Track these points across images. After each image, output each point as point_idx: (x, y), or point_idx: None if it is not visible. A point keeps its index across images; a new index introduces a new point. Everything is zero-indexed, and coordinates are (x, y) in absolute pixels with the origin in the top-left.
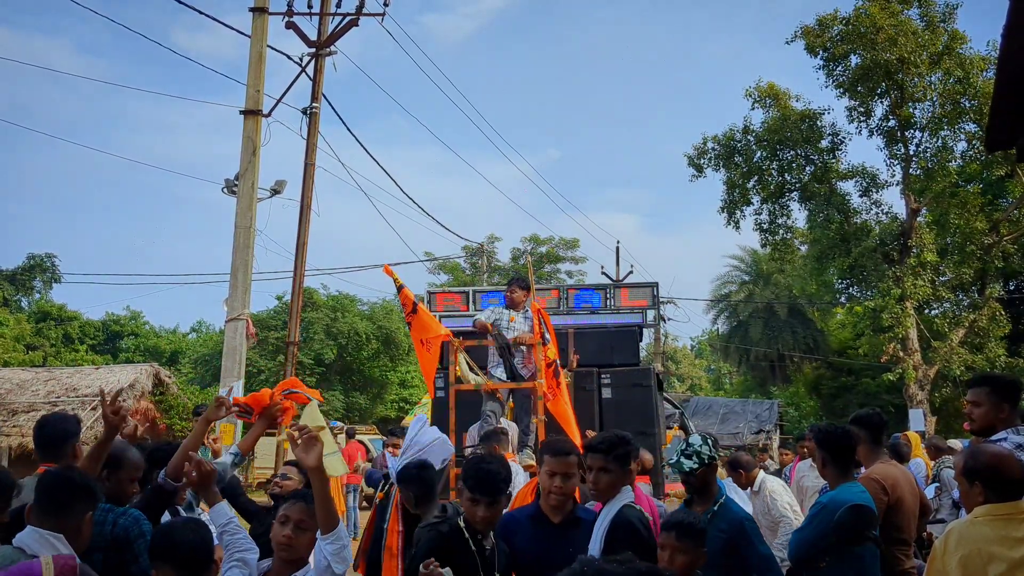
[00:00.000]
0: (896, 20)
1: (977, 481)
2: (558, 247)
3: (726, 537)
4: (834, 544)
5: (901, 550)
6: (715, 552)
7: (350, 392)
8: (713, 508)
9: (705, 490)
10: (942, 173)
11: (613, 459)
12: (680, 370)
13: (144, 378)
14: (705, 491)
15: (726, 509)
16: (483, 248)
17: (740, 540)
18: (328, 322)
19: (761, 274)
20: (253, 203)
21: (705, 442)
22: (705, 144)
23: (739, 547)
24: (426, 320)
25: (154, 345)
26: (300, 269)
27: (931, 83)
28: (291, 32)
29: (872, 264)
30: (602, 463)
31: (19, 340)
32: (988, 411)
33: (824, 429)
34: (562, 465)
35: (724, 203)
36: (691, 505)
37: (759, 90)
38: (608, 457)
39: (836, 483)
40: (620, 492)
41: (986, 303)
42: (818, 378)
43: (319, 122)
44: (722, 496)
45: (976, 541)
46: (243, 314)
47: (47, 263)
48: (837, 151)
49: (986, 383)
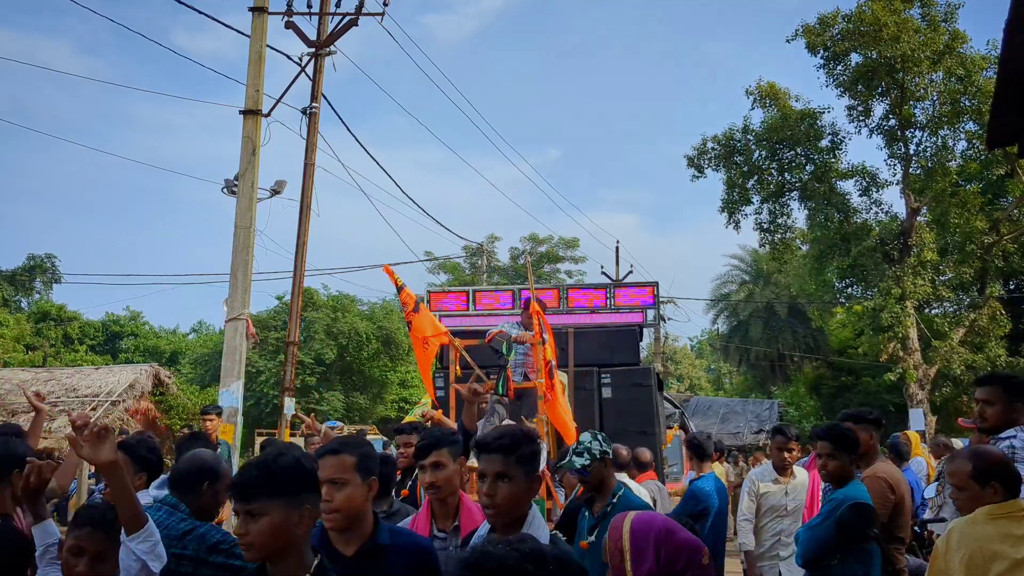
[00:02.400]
0: (898, 18)
1: (994, 482)
2: (558, 247)
3: None
4: (841, 542)
5: (898, 548)
6: None
7: (350, 392)
8: (612, 501)
9: (601, 485)
10: (942, 172)
11: (516, 462)
12: (680, 370)
13: (144, 378)
14: (602, 486)
15: (625, 500)
16: (483, 248)
17: None
18: (328, 322)
19: (761, 274)
20: (253, 203)
21: (595, 438)
22: (705, 144)
23: None
24: (427, 320)
25: (154, 345)
26: (300, 269)
27: (932, 82)
28: (291, 32)
29: (872, 263)
30: (501, 468)
31: (19, 340)
32: (1001, 410)
33: (838, 427)
34: (334, 468)
35: (724, 203)
36: (591, 503)
37: (759, 89)
38: (509, 459)
39: (845, 483)
40: (528, 514)
41: (986, 302)
42: (818, 378)
43: (319, 122)
44: (620, 489)
45: (978, 540)
46: (243, 314)
47: (47, 263)
48: (837, 150)
49: (997, 382)
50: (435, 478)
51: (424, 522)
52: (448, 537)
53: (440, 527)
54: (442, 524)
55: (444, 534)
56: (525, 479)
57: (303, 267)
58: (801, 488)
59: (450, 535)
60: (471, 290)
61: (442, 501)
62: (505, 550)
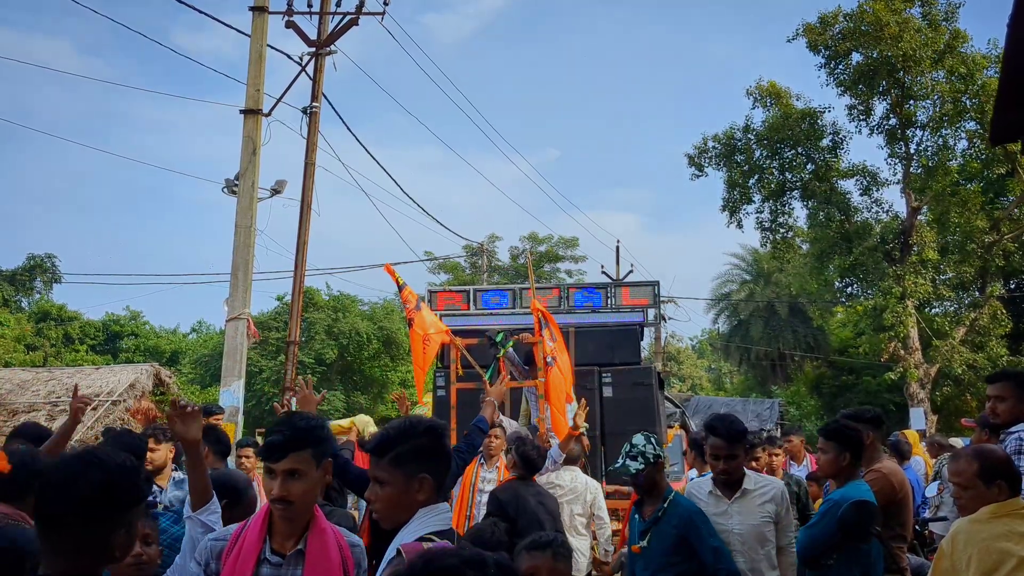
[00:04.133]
0: (900, 18)
1: (1000, 480)
2: (558, 246)
3: (677, 532)
4: (841, 541)
5: (900, 547)
6: (668, 548)
7: (351, 392)
8: (663, 506)
9: (654, 489)
10: (943, 171)
11: (389, 463)
12: (682, 370)
13: (144, 378)
14: (654, 490)
15: (675, 505)
16: (483, 247)
17: (690, 533)
18: (329, 322)
19: (762, 273)
20: (253, 203)
21: (648, 441)
22: (705, 143)
23: (689, 540)
24: (428, 318)
25: (154, 345)
26: (300, 269)
27: (933, 81)
28: (291, 31)
29: (873, 263)
30: (373, 471)
31: (19, 340)
32: (1014, 405)
33: (840, 425)
34: None
35: (725, 202)
36: (642, 506)
37: (760, 89)
38: (381, 461)
39: (845, 481)
40: (416, 515)
41: (987, 302)
42: (819, 377)
43: (319, 121)
44: (671, 493)
45: (985, 539)
46: (244, 314)
47: (47, 263)
48: (838, 150)
49: (1008, 378)
50: (287, 491)
51: (254, 538)
52: (285, 564)
53: (276, 548)
54: (279, 545)
55: (279, 558)
56: (404, 480)
57: (303, 267)
58: (761, 509)
59: (288, 562)
60: (471, 289)
61: (289, 520)
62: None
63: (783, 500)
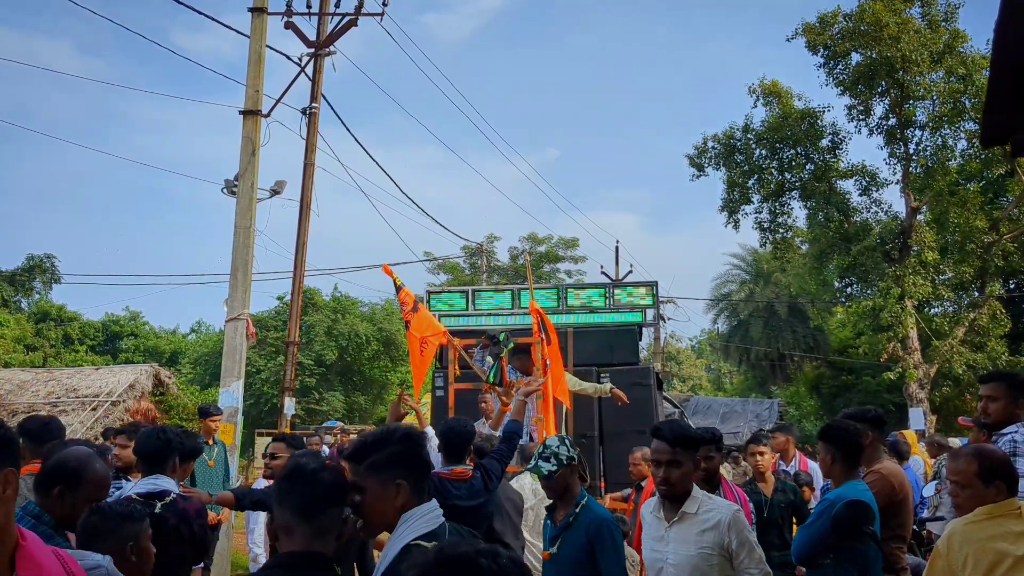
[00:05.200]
0: (899, 18)
1: (999, 480)
2: (557, 246)
3: (588, 539)
4: (836, 541)
5: (900, 547)
6: (578, 556)
7: (351, 393)
8: (575, 511)
9: (566, 493)
10: (942, 171)
11: (367, 471)
12: (682, 371)
13: (144, 379)
14: (566, 494)
15: (587, 510)
16: (483, 248)
17: (596, 542)
18: (329, 323)
19: (761, 273)
20: (253, 203)
21: (562, 442)
22: (705, 143)
23: (595, 547)
24: (426, 319)
25: (154, 345)
26: (300, 269)
27: (932, 81)
28: (290, 32)
29: (872, 263)
30: (353, 477)
31: (19, 341)
32: (1005, 405)
33: (838, 426)
34: None
35: (724, 202)
36: (554, 511)
37: (762, 87)
38: (358, 468)
39: (841, 481)
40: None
41: (986, 302)
42: (818, 377)
43: (318, 122)
44: (583, 498)
45: (981, 539)
46: (243, 314)
47: (47, 264)
48: (837, 150)
49: (1001, 379)
50: None
51: None
52: None
53: None
54: None
55: None
56: (379, 487)
57: (303, 267)
58: (700, 538)
59: None
60: (470, 290)
61: None
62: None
63: (732, 528)
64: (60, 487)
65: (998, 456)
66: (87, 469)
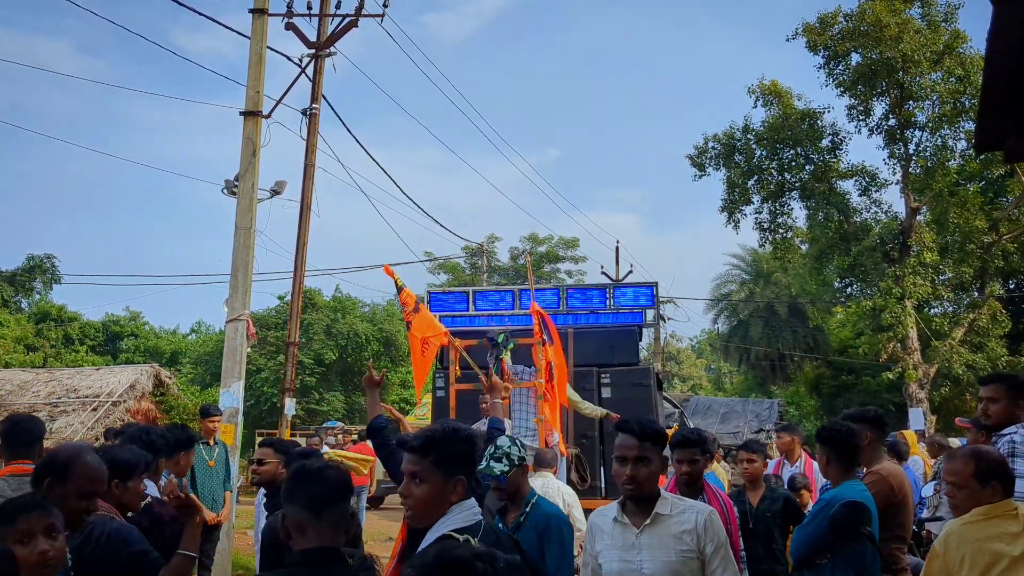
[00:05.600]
0: (900, 19)
1: (995, 481)
2: (557, 247)
3: (536, 535)
4: (833, 541)
5: (900, 548)
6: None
7: (351, 393)
8: (525, 510)
9: (517, 493)
10: (942, 172)
11: (432, 464)
12: (682, 371)
13: (144, 379)
14: (517, 494)
15: (536, 507)
16: (483, 248)
17: (544, 536)
18: (329, 323)
19: (761, 273)
20: (253, 203)
21: (513, 443)
22: (706, 144)
23: (543, 543)
24: (427, 320)
25: (154, 346)
26: (300, 269)
27: (932, 82)
28: (291, 33)
29: (872, 263)
30: (414, 467)
31: (19, 341)
32: (1006, 407)
33: (831, 427)
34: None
35: (724, 202)
36: (505, 513)
37: (762, 87)
38: (424, 460)
39: (839, 481)
40: (448, 512)
41: (986, 302)
42: (818, 377)
43: (319, 123)
44: (533, 496)
45: (978, 540)
46: (243, 314)
47: (47, 264)
48: (837, 150)
49: (1001, 380)
50: None
51: None
52: None
53: None
54: None
55: None
56: (442, 481)
57: (303, 267)
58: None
59: None
60: (471, 290)
61: None
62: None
63: (708, 530)
64: (50, 479)
65: (994, 457)
66: (77, 462)
